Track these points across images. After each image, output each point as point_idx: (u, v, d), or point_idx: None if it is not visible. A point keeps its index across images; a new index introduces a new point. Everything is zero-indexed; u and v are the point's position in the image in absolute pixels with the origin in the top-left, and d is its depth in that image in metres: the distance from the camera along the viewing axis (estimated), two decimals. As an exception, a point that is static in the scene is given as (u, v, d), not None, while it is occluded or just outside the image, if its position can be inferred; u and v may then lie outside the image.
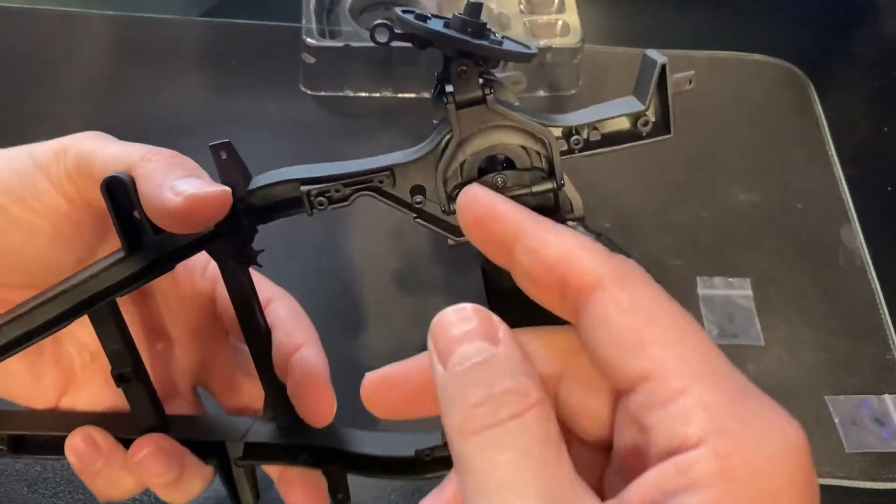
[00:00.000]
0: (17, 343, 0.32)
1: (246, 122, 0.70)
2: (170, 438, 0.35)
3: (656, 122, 0.30)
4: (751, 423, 0.22)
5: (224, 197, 0.30)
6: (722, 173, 0.69)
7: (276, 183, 0.31)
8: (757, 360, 0.58)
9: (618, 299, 0.23)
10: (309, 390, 0.35)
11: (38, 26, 0.77)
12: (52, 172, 0.32)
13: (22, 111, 0.66)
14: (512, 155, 0.29)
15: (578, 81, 0.74)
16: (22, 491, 0.50)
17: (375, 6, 0.76)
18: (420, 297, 0.60)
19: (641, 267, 0.25)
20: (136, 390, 0.34)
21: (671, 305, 0.25)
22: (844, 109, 0.77)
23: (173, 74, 0.73)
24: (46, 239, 0.32)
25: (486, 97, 0.28)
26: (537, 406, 0.22)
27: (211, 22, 0.79)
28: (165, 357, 0.38)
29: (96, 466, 0.34)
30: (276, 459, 0.37)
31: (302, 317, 0.38)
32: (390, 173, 0.30)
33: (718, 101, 0.75)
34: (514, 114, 0.29)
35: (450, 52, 0.28)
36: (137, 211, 0.30)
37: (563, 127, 0.30)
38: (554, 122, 0.30)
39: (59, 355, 0.36)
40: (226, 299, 0.36)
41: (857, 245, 0.66)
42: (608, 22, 0.84)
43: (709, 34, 0.82)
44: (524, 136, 0.29)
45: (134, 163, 0.31)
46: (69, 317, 0.32)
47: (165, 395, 0.37)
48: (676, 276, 0.62)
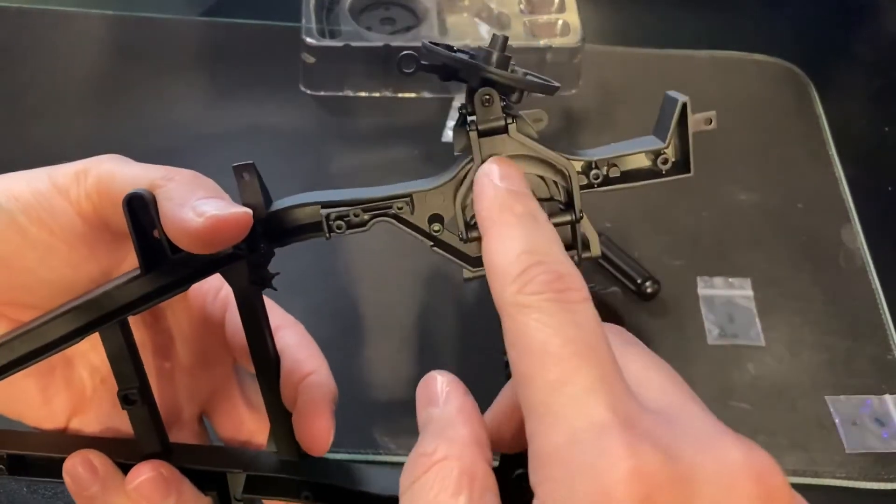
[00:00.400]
0: (29, 357, 0.32)
1: (246, 122, 0.70)
2: (170, 466, 0.34)
3: (676, 160, 0.31)
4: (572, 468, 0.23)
5: (245, 218, 0.30)
6: (722, 173, 0.69)
7: (296, 206, 0.32)
8: (757, 360, 0.58)
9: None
10: (310, 417, 0.35)
11: (38, 26, 0.77)
12: (71, 193, 0.32)
13: (22, 111, 0.66)
14: (531, 185, 0.30)
15: (578, 81, 0.74)
16: (21, 491, 0.50)
17: (375, 5, 0.76)
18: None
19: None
20: (140, 413, 0.34)
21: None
22: (845, 109, 0.77)
23: (173, 74, 0.73)
24: (62, 259, 0.33)
25: (508, 126, 0.29)
26: (441, 462, 0.24)
27: (211, 21, 0.79)
28: (172, 381, 0.38)
29: (92, 491, 0.34)
30: (277, 494, 0.36)
31: (312, 344, 0.37)
32: (409, 200, 0.31)
33: (719, 101, 0.75)
34: (536, 144, 0.29)
35: (474, 83, 0.29)
36: (157, 229, 0.30)
37: (584, 161, 0.30)
38: (574, 156, 0.30)
39: (71, 378, 0.36)
40: (235, 325, 0.36)
41: (858, 245, 0.66)
42: (608, 22, 0.84)
43: (709, 34, 0.82)
44: (544, 166, 0.30)
45: (155, 182, 0.31)
46: (81, 333, 0.32)
47: (170, 422, 0.37)
48: (677, 276, 0.62)
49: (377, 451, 0.53)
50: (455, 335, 0.58)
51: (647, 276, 0.60)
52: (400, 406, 0.54)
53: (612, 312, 0.60)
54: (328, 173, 0.67)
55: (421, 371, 0.55)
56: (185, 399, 0.38)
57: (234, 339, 0.37)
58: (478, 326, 0.59)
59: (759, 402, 0.56)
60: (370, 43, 0.70)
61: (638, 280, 0.60)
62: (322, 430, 0.35)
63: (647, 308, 0.60)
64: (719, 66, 0.79)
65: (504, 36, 0.28)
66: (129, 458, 0.35)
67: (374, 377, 0.56)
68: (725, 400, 0.56)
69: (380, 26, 0.74)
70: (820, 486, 0.53)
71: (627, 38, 0.81)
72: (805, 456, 0.54)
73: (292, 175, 0.66)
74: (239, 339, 0.35)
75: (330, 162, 0.68)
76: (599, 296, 0.60)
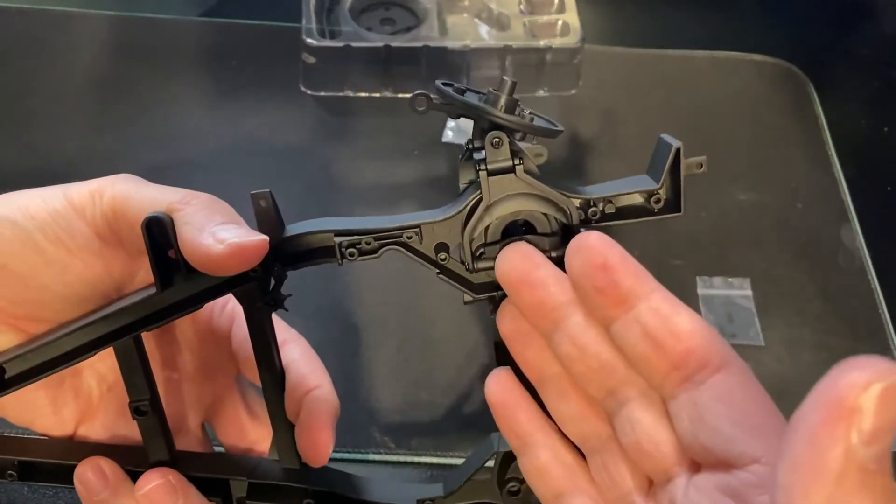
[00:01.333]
0: (44, 369, 0.33)
1: (246, 122, 0.70)
2: (177, 473, 0.36)
3: (668, 199, 0.34)
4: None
5: (262, 245, 0.31)
6: (722, 173, 0.69)
7: (311, 232, 0.33)
8: (757, 359, 0.58)
9: (743, 384, 0.27)
10: (313, 430, 0.36)
11: (38, 26, 0.77)
12: (87, 213, 0.33)
13: (22, 112, 0.66)
14: (534, 220, 0.32)
15: (578, 81, 0.74)
16: (23, 491, 0.50)
17: (375, 6, 0.76)
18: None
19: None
20: (150, 423, 0.35)
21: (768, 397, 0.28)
22: (844, 109, 0.77)
23: (173, 74, 0.73)
24: (77, 276, 0.33)
25: (516, 167, 0.31)
26: None
27: (211, 22, 0.79)
28: (178, 391, 0.39)
29: (102, 496, 0.35)
30: (279, 501, 0.37)
31: (315, 360, 0.39)
32: (418, 230, 0.32)
33: (718, 101, 0.76)
34: (540, 184, 0.31)
35: (485, 125, 0.31)
36: (173, 251, 0.31)
37: (582, 198, 0.32)
38: (574, 193, 0.32)
39: (79, 386, 0.37)
40: (241, 338, 0.37)
41: (857, 245, 0.66)
42: (608, 22, 0.84)
43: (708, 34, 0.83)
44: (547, 204, 0.32)
45: (173, 205, 0.32)
46: (96, 346, 0.33)
47: (175, 430, 0.38)
48: (676, 275, 0.62)
49: (377, 450, 0.53)
50: (455, 335, 0.58)
51: (647, 276, 0.60)
52: (399, 405, 0.55)
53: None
54: (328, 174, 0.67)
55: (421, 371, 0.56)
56: (190, 407, 0.39)
57: (240, 351, 0.39)
58: (478, 326, 0.59)
59: (758, 401, 0.56)
60: (370, 43, 0.70)
61: (637, 280, 0.60)
62: (324, 443, 0.37)
63: (647, 308, 0.60)
64: (718, 66, 0.79)
65: (513, 81, 0.30)
66: (137, 466, 0.36)
67: (374, 376, 0.56)
68: (725, 400, 0.56)
69: (380, 27, 0.74)
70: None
71: (627, 39, 0.81)
72: (804, 455, 0.54)
73: (293, 176, 0.66)
74: (244, 351, 0.36)
75: (330, 162, 0.68)
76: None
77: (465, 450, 0.53)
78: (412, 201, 0.65)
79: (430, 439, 0.53)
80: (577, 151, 0.69)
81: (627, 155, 0.70)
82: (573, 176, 0.67)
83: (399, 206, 0.65)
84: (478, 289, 0.33)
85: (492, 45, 0.71)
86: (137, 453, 0.36)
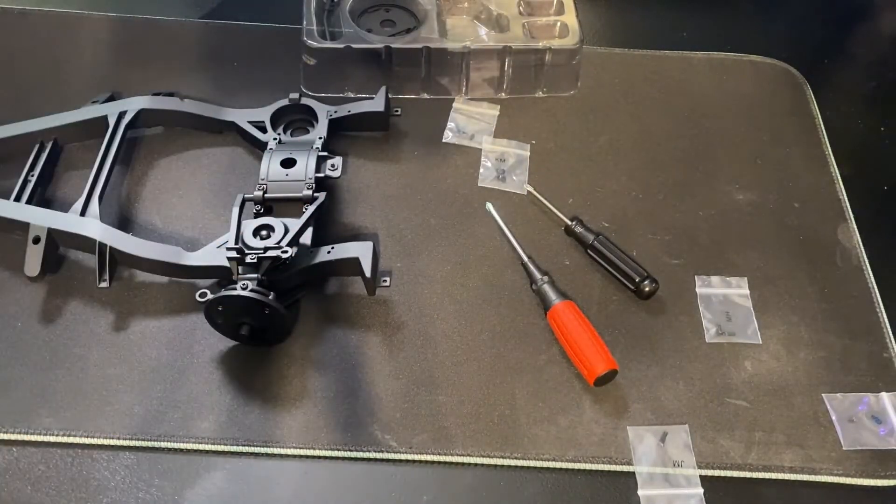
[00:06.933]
0: None
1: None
2: None
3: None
4: None
5: None
6: (719, 173, 0.70)
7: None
8: (754, 358, 0.58)
9: None
10: None
11: (39, 28, 0.77)
12: None
13: (23, 112, 0.66)
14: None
15: (577, 82, 0.74)
16: (26, 490, 0.50)
17: (375, 8, 0.76)
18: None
19: None
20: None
21: None
22: (841, 109, 0.78)
23: (174, 76, 0.73)
24: None
25: None
26: None
27: (212, 24, 0.79)
28: None
29: None
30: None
31: None
32: None
33: (716, 102, 0.76)
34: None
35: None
36: None
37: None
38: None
39: None
40: None
41: (854, 244, 0.66)
42: (607, 24, 0.84)
43: (706, 36, 0.83)
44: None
45: None
46: None
47: None
48: (675, 274, 0.63)
49: (378, 449, 0.53)
50: (455, 335, 0.58)
51: (646, 276, 0.60)
52: (400, 405, 0.55)
53: (610, 311, 0.60)
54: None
55: (421, 370, 0.56)
56: None
57: None
58: (478, 326, 0.59)
59: (756, 399, 0.56)
60: (370, 45, 0.70)
61: (636, 279, 0.60)
62: None
63: (646, 307, 0.61)
64: (716, 67, 0.79)
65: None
66: None
67: (375, 376, 0.56)
68: (723, 397, 0.56)
69: (380, 28, 0.74)
70: (817, 482, 0.53)
71: (625, 40, 0.81)
72: (802, 453, 0.54)
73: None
74: None
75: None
76: (598, 295, 0.61)
77: (467, 448, 0.53)
78: (412, 201, 0.66)
79: (431, 438, 0.54)
80: (577, 152, 0.70)
81: (626, 155, 0.70)
82: (572, 174, 0.68)
83: (399, 205, 0.65)
84: None
85: (491, 46, 0.71)
86: None
